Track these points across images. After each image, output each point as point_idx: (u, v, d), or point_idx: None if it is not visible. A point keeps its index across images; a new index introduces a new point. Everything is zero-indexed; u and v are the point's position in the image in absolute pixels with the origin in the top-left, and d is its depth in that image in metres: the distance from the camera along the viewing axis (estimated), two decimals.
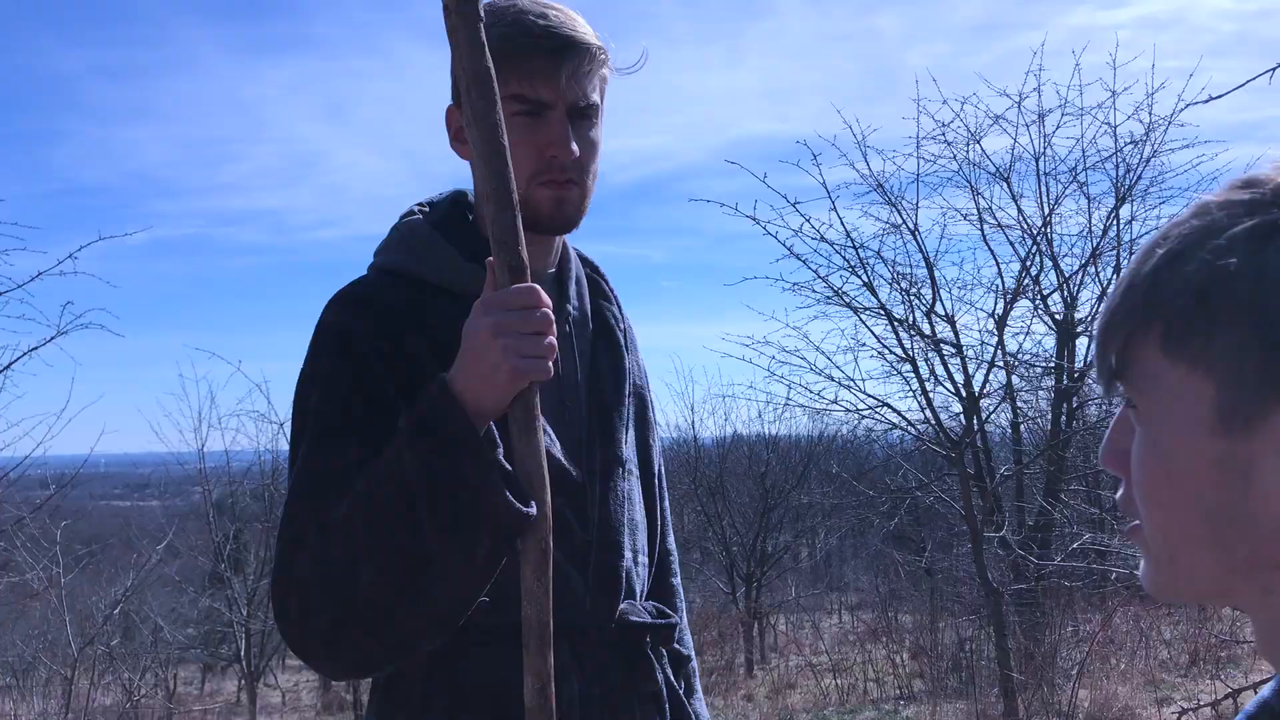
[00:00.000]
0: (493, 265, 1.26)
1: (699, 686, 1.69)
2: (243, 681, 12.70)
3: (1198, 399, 0.66)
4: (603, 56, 1.44)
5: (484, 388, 1.25)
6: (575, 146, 1.42)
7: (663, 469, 1.71)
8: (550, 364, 1.26)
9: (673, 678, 1.58)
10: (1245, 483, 0.65)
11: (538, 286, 1.26)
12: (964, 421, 8.23)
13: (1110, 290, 0.74)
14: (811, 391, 8.46)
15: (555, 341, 1.26)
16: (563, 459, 1.46)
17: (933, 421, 8.04)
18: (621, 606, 1.50)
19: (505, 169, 1.22)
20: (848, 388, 8.30)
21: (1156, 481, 0.69)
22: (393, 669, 1.42)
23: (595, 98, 1.45)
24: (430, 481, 1.24)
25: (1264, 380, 0.64)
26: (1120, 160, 8.48)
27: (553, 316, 1.27)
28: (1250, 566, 0.66)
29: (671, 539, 1.71)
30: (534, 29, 1.40)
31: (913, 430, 8.33)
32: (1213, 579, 0.68)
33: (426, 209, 1.56)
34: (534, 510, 1.25)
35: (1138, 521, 0.72)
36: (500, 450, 1.28)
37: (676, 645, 1.62)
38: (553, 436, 1.45)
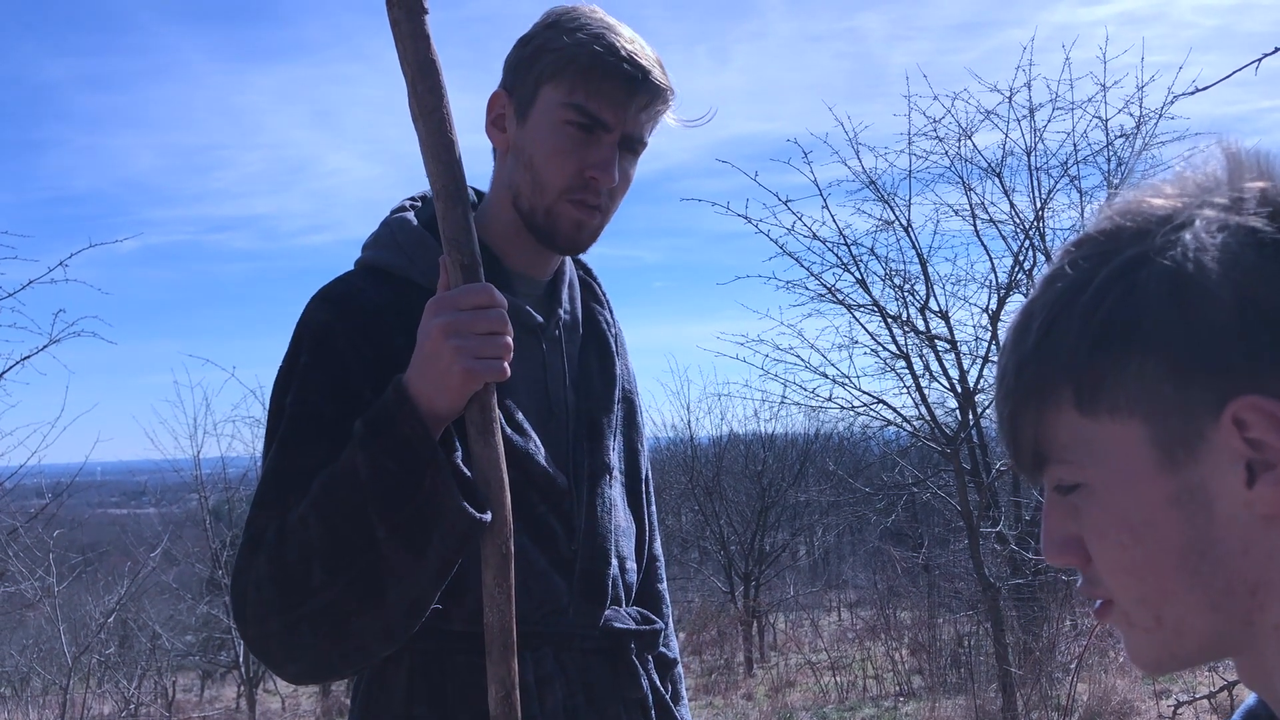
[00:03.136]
0: (445, 264, 1.24)
1: (685, 693, 1.68)
2: (242, 688, 12.67)
3: (1133, 445, 0.65)
4: (671, 101, 1.44)
5: (437, 390, 1.23)
6: (616, 175, 1.40)
7: (649, 473, 1.68)
8: (506, 364, 1.24)
9: (659, 683, 1.56)
10: (1206, 512, 0.64)
11: (491, 285, 1.24)
12: (959, 417, 8.22)
13: (996, 386, 0.73)
14: (806, 389, 8.47)
15: (511, 341, 1.25)
16: (549, 466, 1.43)
17: (928, 417, 8.03)
18: (606, 613, 1.48)
19: (456, 163, 1.20)
20: (843, 385, 8.30)
21: (1123, 546, 0.67)
22: (352, 674, 1.40)
23: (648, 137, 1.44)
24: (382, 484, 1.22)
25: (1187, 402, 0.63)
26: (1111, 154, 8.45)
27: (507, 316, 1.25)
28: (1229, 596, 0.65)
29: (658, 544, 1.70)
30: (620, 50, 1.37)
31: (908, 426, 8.32)
32: (1202, 625, 0.66)
33: (419, 204, 1.53)
34: (488, 516, 1.23)
35: (1104, 600, 0.70)
36: (460, 454, 1.26)
37: (662, 649, 1.60)
38: (538, 443, 1.43)
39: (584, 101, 1.37)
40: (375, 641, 1.28)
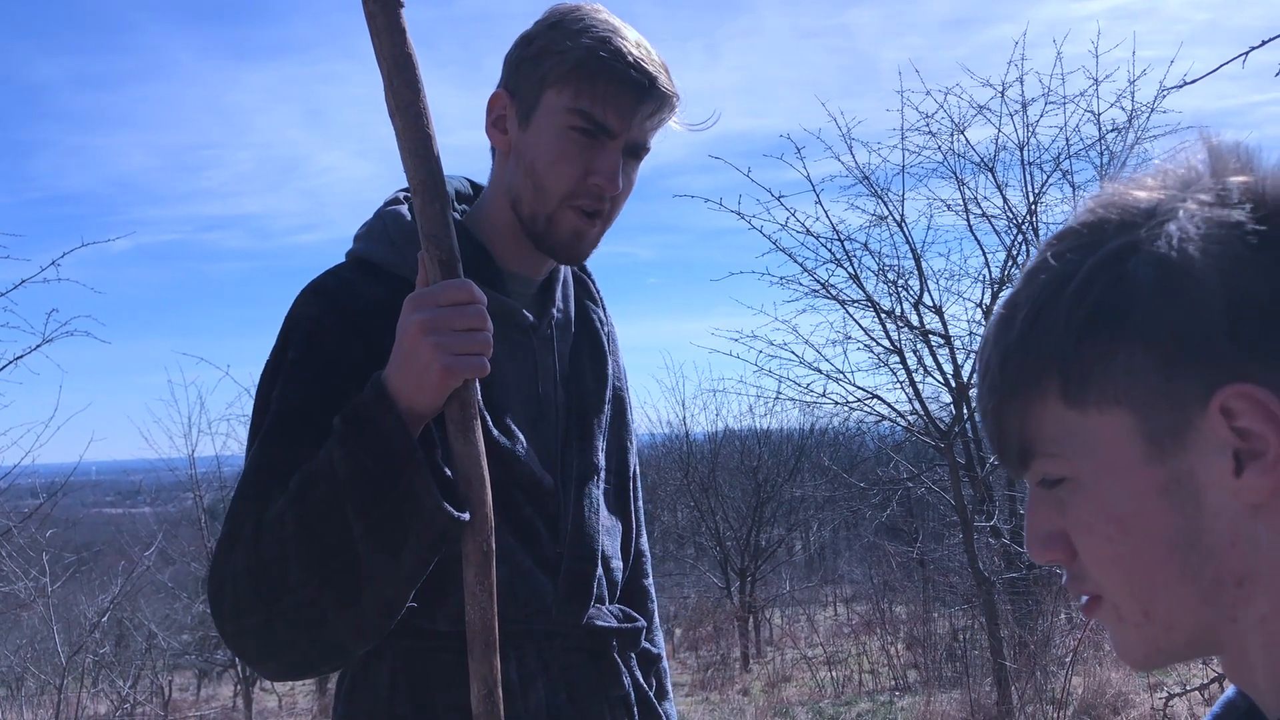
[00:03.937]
0: (423, 259, 1.23)
1: (670, 688, 1.68)
2: (238, 687, 12.66)
3: (1121, 436, 0.65)
4: (677, 107, 1.42)
5: (416, 387, 1.22)
6: (621, 182, 1.39)
7: (638, 470, 1.68)
8: (485, 360, 1.23)
9: (642, 679, 1.56)
10: (1195, 502, 0.64)
11: (470, 281, 1.23)
12: (953, 412, 8.23)
13: (980, 381, 0.72)
14: (801, 385, 8.48)
15: (490, 337, 1.23)
16: (535, 467, 1.43)
17: (922, 412, 8.04)
18: (589, 611, 1.48)
19: (433, 159, 1.19)
20: (837, 380, 8.32)
21: (1111, 539, 0.66)
22: (330, 671, 1.41)
23: (651, 143, 1.42)
24: (360, 482, 1.21)
25: (1175, 391, 0.63)
26: (1104, 148, 8.46)
27: (486, 312, 1.23)
28: (1217, 588, 0.64)
29: (645, 540, 1.69)
30: (627, 56, 1.34)
31: (902, 421, 8.33)
32: (1191, 619, 0.66)
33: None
34: (466, 515, 1.22)
35: (1092, 594, 0.70)
36: (440, 452, 1.25)
37: (645, 645, 1.60)
38: (525, 444, 1.43)
39: (589, 107, 1.35)
40: (351, 639, 1.28)
